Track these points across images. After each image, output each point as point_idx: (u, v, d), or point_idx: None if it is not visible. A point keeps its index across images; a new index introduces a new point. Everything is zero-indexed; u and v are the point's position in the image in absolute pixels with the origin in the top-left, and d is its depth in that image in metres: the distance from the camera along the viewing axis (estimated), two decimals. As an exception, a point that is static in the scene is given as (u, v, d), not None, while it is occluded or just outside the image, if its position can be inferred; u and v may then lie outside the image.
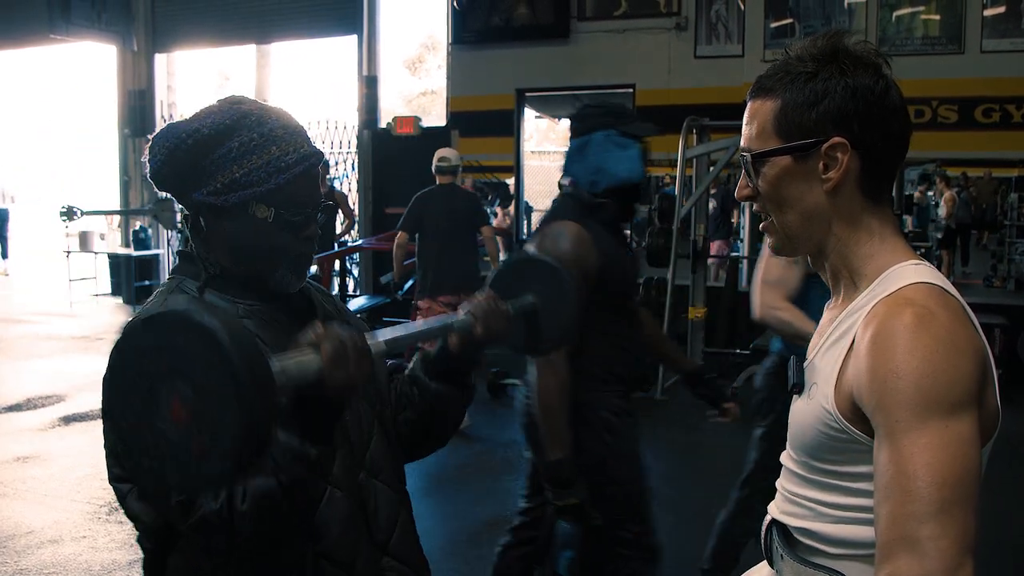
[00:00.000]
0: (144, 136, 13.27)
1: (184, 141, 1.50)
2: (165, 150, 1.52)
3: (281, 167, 1.51)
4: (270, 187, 1.50)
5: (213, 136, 1.50)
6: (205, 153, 1.51)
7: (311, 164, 1.56)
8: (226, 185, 1.50)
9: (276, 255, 1.55)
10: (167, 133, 1.52)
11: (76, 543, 4.41)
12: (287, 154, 1.52)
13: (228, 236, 1.55)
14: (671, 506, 5.09)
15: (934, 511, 1.11)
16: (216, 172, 1.50)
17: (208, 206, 1.52)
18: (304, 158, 1.54)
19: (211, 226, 1.56)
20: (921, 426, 1.14)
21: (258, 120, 1.53)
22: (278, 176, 1.51)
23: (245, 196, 1.50)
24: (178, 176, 1.54)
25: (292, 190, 1.53)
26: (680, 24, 9.79)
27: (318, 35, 13.03)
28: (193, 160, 1.51)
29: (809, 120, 1.30)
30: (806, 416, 1.34)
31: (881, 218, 1.35)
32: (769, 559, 1.49)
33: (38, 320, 11.55)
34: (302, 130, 1.59)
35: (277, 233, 1.53)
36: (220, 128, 1.51)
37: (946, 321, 1.20)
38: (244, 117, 1.53)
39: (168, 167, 1.53)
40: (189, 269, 1.60)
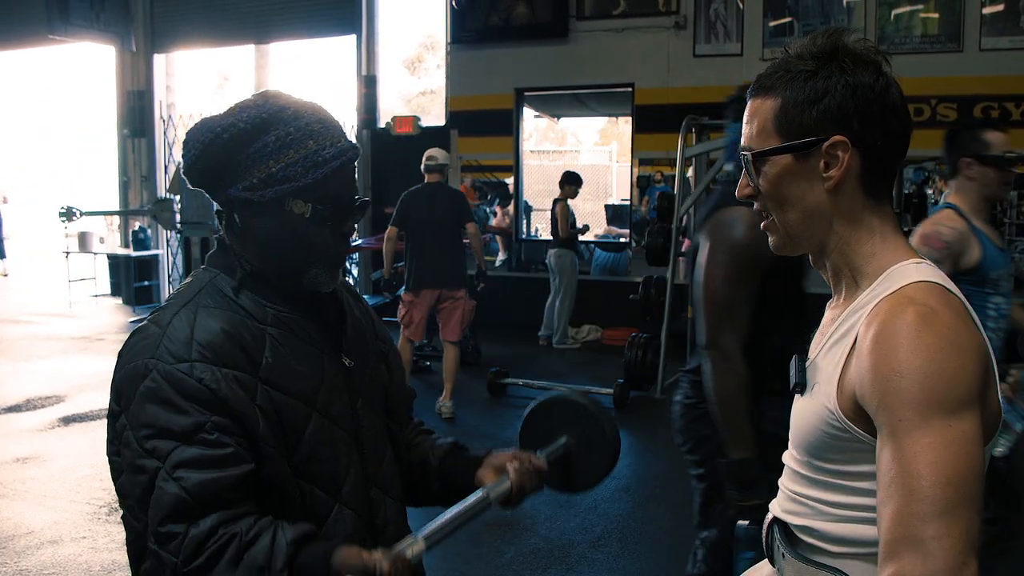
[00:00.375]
0: (143, 136, 13.33)
1: (220, 135, 1.48)
2: (200, 144, 1.49)
3: (318, 161, 1.48)
4: (307, 182, 1.48)
5: (249, 131, 1.48)
6: (241, 148, 1.48)
7: (348, 159, 1.53)
8: (262, 180, 1.48)
9: (312, 252, 1.53)
10: (202, 128, 1.50)
11: (76, 544, 4.40)
12: (324, 148, 1.50)
13: (262, 233, 1.52)
14: (672, 505, 5.10)
15: (938, 510, 1.11)
16: (252, 167, 1.48)
17: (243, 201, 1.50)
18: (341, 152, 1.52)
19: (245, 223, 1.53)
20: (924, 425, 1.14)
21: (294, 114, 1.51)
22: (315, 171, 1.48)
23: (282, 191, 1.48)
24: (213, 171, 1.52)
25: (329, 185, 1.51)
26: (679, 23, 9.80)
27: (317, 35, 13.03)
28: (229, 155, 1.49)
29: (809, 119, 1.30)
30: (808, 415, 1.34)
31: (882, 216, 1.35)
32: (771, 557, 1.49)
33: (37, 321, 11.54)
34: (338, 125, 1.56)
35: (314, 229, 1.51)
36: (256, 122, 1.48)
37: (948, 319, 1.20)
38: (280, 111, 1.50)
39: (203, 162, 1.50)
40: (223, 262, 1.57)
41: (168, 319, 1.48)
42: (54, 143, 26.46)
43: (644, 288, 8.03)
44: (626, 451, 6.42)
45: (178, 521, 1.37)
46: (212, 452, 1.39)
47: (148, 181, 13.68)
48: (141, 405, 1.40)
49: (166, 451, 1.38)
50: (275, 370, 1.49)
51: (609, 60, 10.19)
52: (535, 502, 5.10)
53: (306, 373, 1.53)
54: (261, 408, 1.45)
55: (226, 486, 1.39)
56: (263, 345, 1.50)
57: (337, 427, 1.57)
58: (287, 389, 1.49)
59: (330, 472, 1.55)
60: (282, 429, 1.48)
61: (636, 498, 5.22)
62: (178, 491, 1.36)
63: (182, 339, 1.44)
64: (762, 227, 1.42)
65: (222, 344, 1.45)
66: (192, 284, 1.56)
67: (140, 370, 1.42)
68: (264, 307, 1.54)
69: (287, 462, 1.48)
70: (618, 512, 4.97)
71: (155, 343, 1.44)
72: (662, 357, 7.51)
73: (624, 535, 4.63)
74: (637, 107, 10.22)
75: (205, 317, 1.48)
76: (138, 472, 1.40)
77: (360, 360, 1.67)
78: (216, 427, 1.40)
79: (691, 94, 9.55)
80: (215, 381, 1.41)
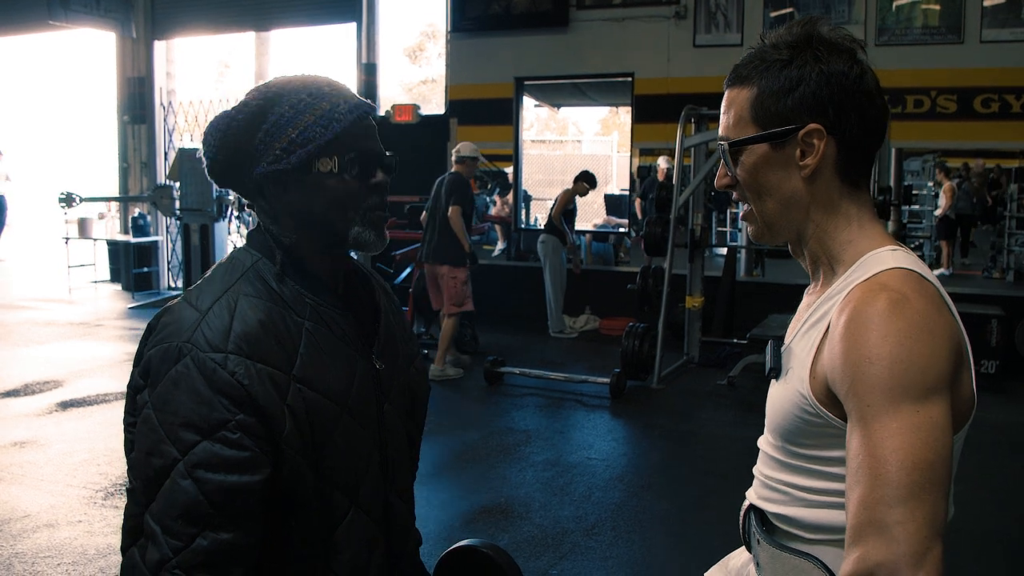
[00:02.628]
0: (143, 123, 13.33)
1: (234, 119, 1.49)
2: (218, 132, 1.50)
3: (335, 117, 1.49)
4: (328, 138, 1.48)
5: (263, 105, 1.49)
6: (258, 125, 1.49)
7: (364, 112, 1.54)
8: (284, 149, 1.48)
9: (348, 207, 1.52)
10: (216, 121, 1.51)
11: (72, 527, 4.42)
12: (338, 106, 1.50)
13: (296, 203, 1.52)
14: (667, 494, 5.12)
15: (903, 495, 1.11)
16: (272, 141, 1.49)
17: (271, 176, 1.50)
18: (356, 107, 1.52)
19: (278, 200, 1.53)
20: (893, 411, 1.15)
21: (302, 84, 1.52)
22: (334, 126, 1.48)
23: (305, 154, 1.48)
24: (235, 158, 1.52)
25: (350, 139, 1.51)
26: (679, 13, 9.79)
27: (317, 23, 13.02)
28: (247, 136, 1.49)
29: (785, 107, 1.31)
30: (782, 401, 1.35)
31: (859, 204, 1.36)
32: (747, 544, 1.50)
33: (36, 306, 11.55)
34: (348, 87, 1.57)
35: (344, 184, 1.51)
36: (268, 97, 1.50)
37: (920, 306, 1.20)
38: (287, 83, 1.52)
39: (224, 151, 1.51)
40: (263, 244, 1.56)
41: (208, 304, 1.46)
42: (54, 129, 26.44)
43: (642, 278, 8.04)
44: (621, 440, 6.49)
45: (190, 523, 1.36)
46: (232, 453, 1.38)
47: (148, 167, 13.69)
48: (170, 389, 1.39)
49: (188, 443, 1.37)
50: (309, 367, 1.47)
51: (609, 49, 10.19)
52: (528, 489, 5.12)
53: (339, 372, 1.52)
54: (290, 408, 1.44)
55: (242, 490, 1.38)
56: (299, 340, 1.48)
57: (363, 430, 1.56)
58: (320, 388, 1.48)
59: (351, 474, 1.54)
60: (310, 428, 1.46)
61: (630, 487, 5.23)
62: (196, 493, 1.36)
63: (220, 328, 1.42)
64: (741, 216, 1.43)
65: (259, 338, 1.44)
66: (233, 267, 1.54)
67: (173, 352, 1.41)
68: (304, 298, 1.52)
69: (311, 462, 1.47)
70: (612, 500, 4.99)
71: (192, 326, 1.43)
72: (659, 347, 7.53)
73: (618, 523, 4.65)
74: (637, 97, 10.22)
75: (245, 307, 1.46)
76: (154, 455, 1.39)
77: (390, 363, 1.66)
78: (239, 427, 1.39)
79: (691, 84, 9.56)
80: (247, 376, 1.40)
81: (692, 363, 8.36)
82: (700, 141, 7.96)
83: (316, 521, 1.49)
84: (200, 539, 1.36)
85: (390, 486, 1.63)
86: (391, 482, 1.63)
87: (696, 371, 8.21)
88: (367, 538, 1.56)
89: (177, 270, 12.91)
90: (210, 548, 1.37)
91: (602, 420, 6.83)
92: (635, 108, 10.32)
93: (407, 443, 1.71)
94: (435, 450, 5.77)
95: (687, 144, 7.90)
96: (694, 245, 8.18)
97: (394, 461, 1.64)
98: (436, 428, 6.24)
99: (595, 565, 4.20)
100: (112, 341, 9.38)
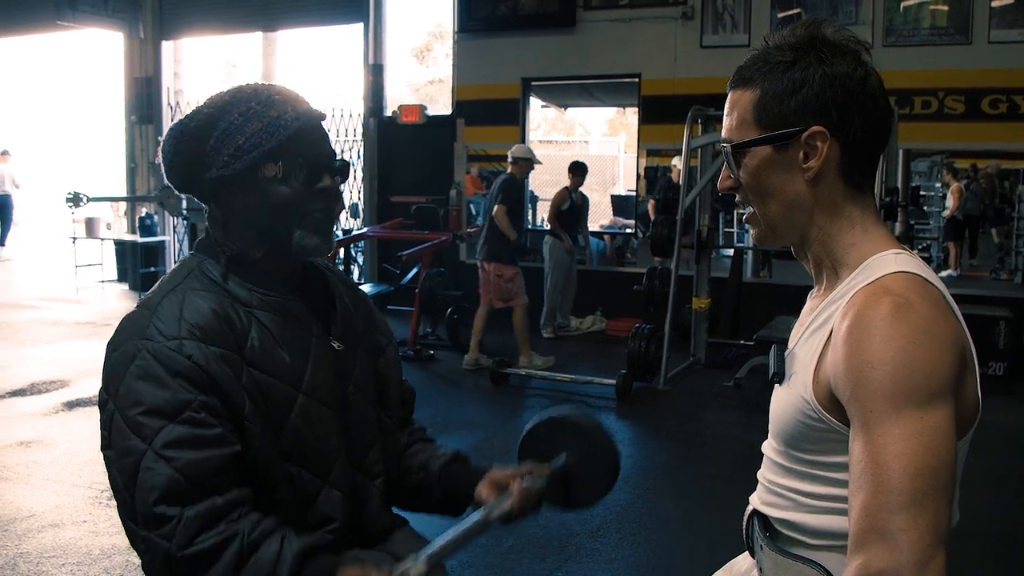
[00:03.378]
0: (151, 123, 13.35)
1: (187, 125, 1.53)
2: (172, 139, 1.55)
3: (282, 124, 1.52)
4: (272, 144, 1.51)
5: (214, 114, 1.53)
6: (209, 132, 1.53)
7: (312, 118, 1.56)
8: (232, 155, 1.51)
9: (291, 213, 1.54)
10: (172, 127, 1.56)
11: (77, 527, 4.43)
12: (286, 113, 1.53)
13: (243, 208, 1.55)
14: (673, 496, 5.11)
15: (906, 502, 1.10)
16: (222, 148, 1.52)
17: (220, 180, 1.53)
18: (304, 114, 1.55)
19: (227, 205, 1.56)
20: (895, 416, 1.14)
21: (253, 91, 1.56)
22: (280, 132, 1.51)
23: (251, 159, 1.50)
24: (188, 164, 1.56)
25: (298, 144, 1.53)
26: (686, 13, 9.76)
27: (325, 23, 13.03)
28: (199, 142, 1.53)
29: (788, 109, 1.30)
30: (786, 405, 1.34)
31: (863, 207, 1.35)
32: (750, 549, 1.49)
33: (44, 306, 11.58)
34: (300, 96, 1.59)
35: (288, 188, 1.53)
36: (219, 104, 1.54)
37: (924, 311, 1.19)
38: (239, 91, 1.56)
39: (178, 156, 1.55)
40: (209, 249, 1.59)
41: (156, 302, 1.50)
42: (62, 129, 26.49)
43: (648, 279, 8.03)
44: (628, 441, 6.47)
45: (172, 503, 1.37)
46: (200, 431, 1.40)
47: (155, 168, 13.70)
48: (130, 384, 1.41)
49: (154, 429, 1.38)
50: (260, 352, 1.50)
51: (616, 50, 10.17)
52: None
53: (292, 354, 1.55)
54: (247, 389, 1.46)
55: (216, 467, 1.40)
56: (250, 327, 1.52)
57: (326, 409, 1.58)
58: (272, 371, 1.51)
59: (319, 453, 1.56)
60: (267, 410, 1.49)
61: (636, 488, 5.22)
62: (170, 472, 1.37)
63: (171, 318, 1.46)
64: (744, 219, 1.42)
65: (210, 323, 1.47)
66: (179, 270, 1.58)
67: (129, 352, 1.44)
68: (251, 291, 1.55)
69: (274, 443, 1.49)
70: (618, 502, 4.97)
71: (144, 325, 1.46)
72: (665, 348, 7.51)
73: (623, 525, 4.64)
74: (644, 98, 10.20)
75: (193, 298, 1.50)
76: (125, 455, 1.40)
77: (351, 345, 1.68)
78: (203, 407, 1.41)
79: (698, 85, 9.53)
80: (204, 358, 1.42)
81: (698, 364, 8.34)
82: (707, 142, 7.94)
83: (290, 501, 1.51)
84: (186, 511, 1.37)
85: (355, 468, 1.64)
86: (356, 465, 1.64)
87: (702, 372, 8.19)
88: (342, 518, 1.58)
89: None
90: (201, 513, 1.38)
91: (608, 421, 6.81)
92: (642, 109, 10.30)
93: (377, 429, 1.71)
94: (440, 451, 5.76)
95: (694, 145, 7.88)
96: (700, 246, 8.16)
97: (360, 444, 1.65)
98: (442, 429, 6.23)
99: (600, 567, 4.19)
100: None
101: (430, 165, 11.30)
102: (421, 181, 11.36)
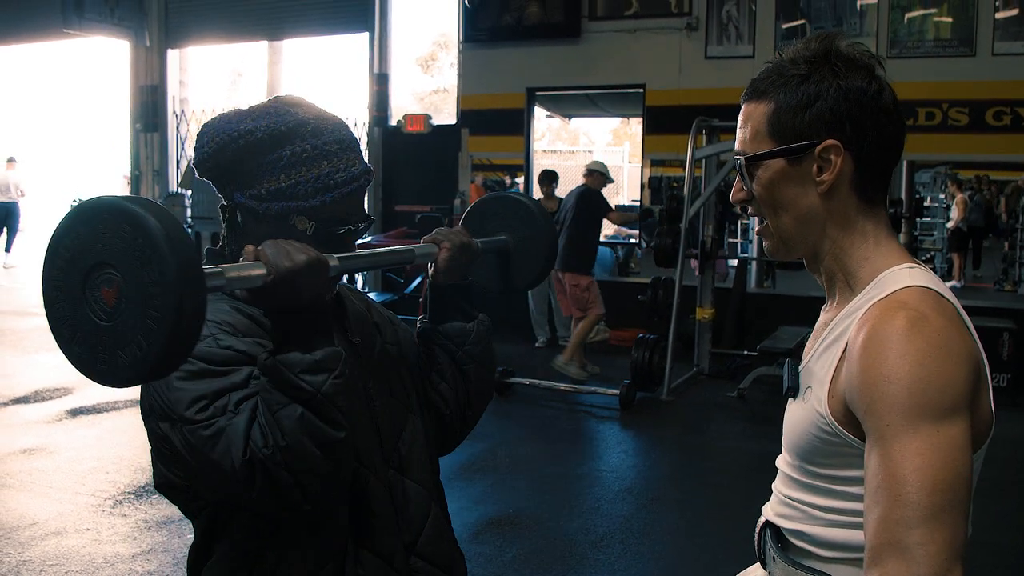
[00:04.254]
0: (156, 131, 13.38)
1: (235, 140, 1.47)
2: (215, 144, 1.48)
3: (330, 184, 1.47)
4: (314, 203, 1.47)
5: (266, 141, 1.47)
6: (254, 156, 1.47)
7: (360, 185, 1.52)
8: (271, 192, 1.47)
9: None
10: (219, 127, 1.49)
11: (80, 535, 4.43)
12: (338, 172, 1.48)
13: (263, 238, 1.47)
14: (676, 507, 5.10)
15: (923, 516, 1.10)
16: (262, 177, 1.47)
17: (247, 209, 1.49)
18: (354, 178, 1.51)
19: (247, 227, 1.51)
20: (912, 431, 1.14)
21: (314, 131, 1.49)
22: (325, 194, 1.47)
23: (287, 208, 1.46)
24: (223, 172, 1.51)
25: (337, 209, 1.50)
26: (691, 24, 9.77)
27: (330, 32, 13.07)
28: (240, 160, 1.48)
29: (802, 123, 1.30)
30: (800, 419, 1.34)
31: (875, 220, 1.35)
32: (762, 560, 1.49)
33: (48, 313, 11.58)
34: (356, 146, 1.55)
35: (315, 247, 1.46)
36: (274, 134, 1.47)
37: (939, 325, 1.19)
38: (300, 126, 1.49)
39: (214, 161, 1.50)
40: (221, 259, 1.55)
41: None
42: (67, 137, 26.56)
43: (652, 289, 8.03)
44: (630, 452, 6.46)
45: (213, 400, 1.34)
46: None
47: (160, 176, 13.73)
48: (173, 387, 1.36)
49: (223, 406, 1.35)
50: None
51: (621, 61, 10.18)
52: (537, 501, 5.10)
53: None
54: None
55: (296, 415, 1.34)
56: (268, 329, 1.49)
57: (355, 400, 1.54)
58: None
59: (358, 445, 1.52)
60: None
61: (640, 499, 5.21)
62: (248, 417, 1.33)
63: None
64: (756, 232, 1.42)
65: (239, 319, 1.46)
66: None
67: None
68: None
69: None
70: (621, 513, 4.97)
71: None
72: (669, 359, 7.50)
73: (627, 536, 4.63)
74: (648, 108, 10.21)
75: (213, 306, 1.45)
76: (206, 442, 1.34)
77: (367, 340, 1.66)
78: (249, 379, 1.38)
79: (702, 95, 9.54)
80: (243, 345, 1.41)
81: (702, 375, 8.34)
82: (711, 152, 7.95)
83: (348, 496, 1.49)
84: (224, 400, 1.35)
85: (387, 463, 1.61)
86: (388, 459, 1.62)
87: (706, 383, 8.18)
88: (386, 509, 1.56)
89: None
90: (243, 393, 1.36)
91: (611, 431, 6.81)
92: (647, 119, 10.31)
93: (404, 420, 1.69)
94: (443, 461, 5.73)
95: (698, 155, 7.89)
96: (705, 256, 8.16)
97: (388, 437, 1.63)
98: (445, 438, 6.23)
99: (604, 578, 4.18)
100: (122, 348, 9.38)
101: (434, 174, 11.31)
102: (425, 190, 11.37)
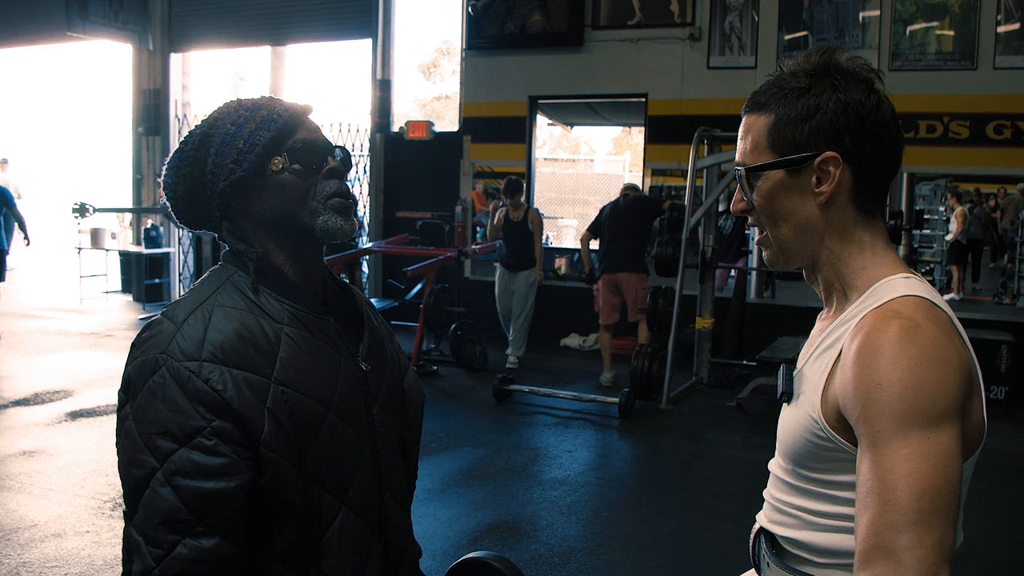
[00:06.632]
0: (158, 135, 13.40)
1: (183, 150, 1.56)
2: (173, 168, 1.57)
3: (274, 118, 1.55)
4: (271, 136, 1.54)
5: (205, 132, 1.56)
6: (206, 149, 1.55)
7: (300, 111, 1.60)
8: (235, 160, 1.53)
9: (308, 198, 1.57)
10: (169, 161, 1.59)
11: (79, 537, 4.43)
12: (274, 109, 1.57)
13: (261, 210, 1.57)
14: (675, 515, 5.11)
15: (912, 521, 1.12)
16: (224, 158, 1.54)
17: (231, 190, 1.55)
18: (292, 107, 1.60)
19: (243, 213, 1.58)
20: (903, 437, 1.16)
21: (237, 104, 1.60)
22: (276, 122, 1.55)
23: (255, 157, 1.53)
24: (195, 188, 1.57)
25: (296, 136, 1.57)
26: (694, 35, 9.82)
27: (333, 38, 13.10)
28: (200, 162, 1.55)
29: (802, 135, 1.33)
30: (794, 425, 1.36)
31: (873, 231, 1.37)
32: (757, 568, 1.51)
33: (48, 316, 11.61)
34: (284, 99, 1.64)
35: (299, 176, 1.56)
36: (209, 121, 1.58)
37: (932, 334, 1.21)
38: (224, 108, 1.60)
39: (181, 184, 1.57)
40: (237, 260, 1.60)
41: (183, 316, 1.50)
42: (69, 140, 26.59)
43: (652, 298, 8.05)
44: (629, 460, 6.47)
45: (171, 531, 1.39)
46: (208, 460, 1.40)
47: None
48: (147, 400, 1.42)
49: (166, 452, 1.40)
50: (290, 370, 1.50)
51: (623, 70, 10.22)
52: (536, 508, 5.11)
53: (322, 373, 1.55)
54: (271, 411, 1.46)
55: (221, 497, 1.41)
56: (278, 345, 1.51)
57: (351, 430, 1.58)
58: (302, 388, 1.51)
59: (339, 475, 1.56)
60: (294, 429, 1.48)
61: (638, 507, 5.22)
62: (174, 500, 1.38)
63: (195, 337, 1.46)
64: (756, 242, 1.44)
65: (234, 346, 1.47)
66: (209, 282, 1.59)
67: (150, 364, 1.44)
68: (282, 304, 1.56)
69: (296, 464, 1.49)
70: (620, 520, 4.98)
71: (167, 338, 1.46)
72: (668, 368, 7.52)
73: (625, 543, 4.64)
74: (650, 117, 10.24)
75: (220, 318, 1.50)
76: (134, 466, 1.42)
77: (377, 366, 1.68)
78: (215, 433, 1.41)
79: (704, 106, 9.58)
80: (222, 382, 1.43)
81: (701, 384, 8.35)
82: (713, 163, 7.98)
83: (305, 525, 1.51)
84: (180, 547, 1.39)
85: (384, 487, 1.64)
86: (385, 483, 1.65)
87: (705, 392, 8.20)
88: (360, 541, 1.58)
89: (188, 282, 12.95)
90: (191, 556, 1.39)
91: (610, 439, 6.82)
92: (648, 128, 10.34)
93: (400, 446, 1.73)
94: (442, 467, 5.77)
95: (699, 165, 7.92)
96: (705, 266, 8.18)
97: (388, 464, 1.66)
98: (444, 445, 6.24)
99: (601, 585, 4.19)
100: (122, 352, 9.38)
101: (436, 181, 11.35)
102: (427, 197, 11.40)
